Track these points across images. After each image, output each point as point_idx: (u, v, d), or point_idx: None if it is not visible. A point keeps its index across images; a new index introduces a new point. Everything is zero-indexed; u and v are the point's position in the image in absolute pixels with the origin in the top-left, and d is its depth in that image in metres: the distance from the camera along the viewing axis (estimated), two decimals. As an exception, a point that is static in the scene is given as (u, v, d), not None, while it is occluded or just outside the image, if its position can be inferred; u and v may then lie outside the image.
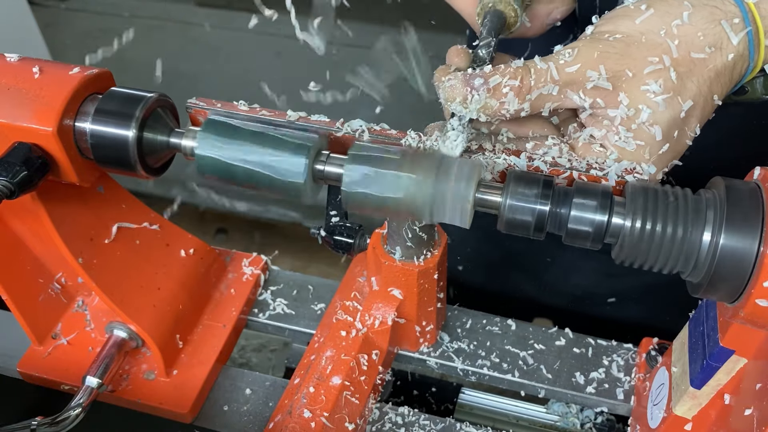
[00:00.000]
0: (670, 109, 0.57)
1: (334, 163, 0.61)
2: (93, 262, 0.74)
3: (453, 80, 0.58)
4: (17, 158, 0.62)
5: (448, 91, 0.58)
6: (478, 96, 0.57)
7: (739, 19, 0.57)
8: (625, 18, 0.59)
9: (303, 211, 2.52)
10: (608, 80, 0.57)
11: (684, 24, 0.57)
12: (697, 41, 0.57)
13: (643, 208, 0.54)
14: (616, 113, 0.58)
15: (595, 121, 0.60)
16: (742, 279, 0.52)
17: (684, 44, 0.57)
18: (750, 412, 0.56)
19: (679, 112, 0.58)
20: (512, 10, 0.65)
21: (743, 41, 0.58)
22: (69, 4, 3.40)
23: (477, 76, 0.57)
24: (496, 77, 0.57)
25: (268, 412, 0.79)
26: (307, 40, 0.57)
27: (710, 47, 0.57)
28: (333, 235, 0.80)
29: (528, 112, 0.59)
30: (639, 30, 0.58)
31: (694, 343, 0.65)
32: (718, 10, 0.58)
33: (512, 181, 0.57)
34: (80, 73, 0.64)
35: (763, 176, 0.53)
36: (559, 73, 0.57)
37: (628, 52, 0.57)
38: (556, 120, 0.65)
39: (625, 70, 0.57)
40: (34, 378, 0.81)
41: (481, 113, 0.58)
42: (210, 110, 0.66)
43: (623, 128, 0.58)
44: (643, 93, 0.57)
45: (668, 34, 0.57)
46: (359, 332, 0.77)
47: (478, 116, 0.58)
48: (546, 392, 0.82)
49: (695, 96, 0.58)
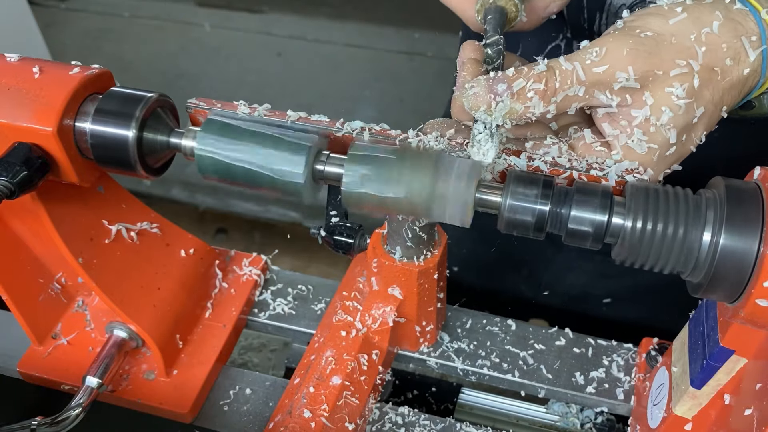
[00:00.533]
0: (686, 115, 0.57)
1: (334, 163, 0.61)
2: (93, 262, 0.74)
3: (476, 87, 0.57)
4: (17, 158, 0.62)
5: (472, 100, 0.57)
6: (503, 102, 0.56)
7: (756, 36, 0.58)
8: (659, 17, 0.59)
9: (303, 211, 2.52)
10: (636, 80, 0.57)
11: (712, 33, 0.58)
12: (721, 52, 0.57)
13: (643, 208, 0.54)
14: (639, 113, 0.58)
15: (611, 120, 0.60)
16: (742, 279, 0.52)
17: (709, 52, 0.57)
18: (750, 412, 0.56)
19: (692, 117, 0.58)
20: (513, 5, 0.64)
21: (758, 58, 0.59)
22: (69, 4, 3.40)
23: (500, 81, 0.56)
24: (520, 81, 0.56)
25: (268, 412, 0.79)
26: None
27: (730, 60, 0.58)
28: (333, 235, 0.80)
29: (554, 113, 0.58)
30: (670, 31, 0.58)
31: (694, 343, 0.65)
32: (741, 26, 0.58)
33: (512, 181, 0.57)
34: (80, 73, 0.64)
35: (763, 176, 0.53)
36: (585, 74, 0.56)
37: (657, 51, 0.57)
38: (554, 126, 0.65)
39: (654, 69, 0.57)
40: (34, 378, 0.81)
41: (506, 119, 0.57)
42: (210, 110, 0.66)
43: (639, 130, 0.58)
44: (668, 95, 0.57)
45: (697, 40, 0.57)
46: (359, 332, 0.77)
47: (503, 122, 0.57)
48: (546, 392, 0.82)
49: (707, 104, 0.58)
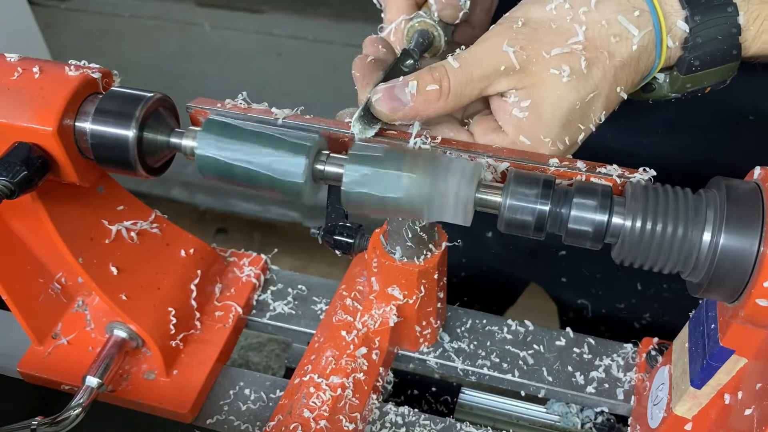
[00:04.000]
0: (575, 93, 0.59)
1: (334, 163, 0.61)
2: (93, 262, 0.74)
3: (378, 94, 0.61)
4: (17, 158, 0.62)
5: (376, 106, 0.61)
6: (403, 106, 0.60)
7: (641, 11, 0.59)
8: (537, 4, 0.61)
9: (303, 211, 2.52)
10: (519, 66, 0.59)
11: (591, 11, 0.59)
12: (602, 29, 0.59)
13: (643, 208, 0.54)
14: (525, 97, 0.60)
15: (503, 105, 0.62)
16: (742, 279, 0.52)
17: (590, 31, 0.59)
18: (750, 412, 0.56)
19: (584, 96, 0.59)
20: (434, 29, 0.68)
21: (649, 34, 0.59)
22: (69, 4, 3.40)
23: (398, 86, 0.60)
24: (413, 83, 0.60)
25: (268, 412, 0.79)
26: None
27: (615, 37, 0.59)
28: (333, 235, 0.80)
29: (454, 108, 0.61)
30: (549, 17, 0.60)
31: (694, 343, 0.65)
32: (626, 2, 0.59)
33: (512, 180, 0.57)
34: (80, 73, 0.64)
35: (763, 176, 0.53)
36: (472, 69, 0.60)
37: (536, 37, 0.59)
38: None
39: (534, 55, 0.59)
40: (34, 378, 0.81)
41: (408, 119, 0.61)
42: (210, 110, 0.66)
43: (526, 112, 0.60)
44: (553, 76, 0.59)
45: (575, 20, 0.59)
46: (359, 332, 0.77)
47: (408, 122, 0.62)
48: (546, 392, 0.82)
49: (600, 82, 0.60)
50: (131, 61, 3.06)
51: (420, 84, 0.60)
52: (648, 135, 0.87)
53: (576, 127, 0.61)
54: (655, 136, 0.87)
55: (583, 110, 0.60)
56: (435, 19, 0.69)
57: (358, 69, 0.64)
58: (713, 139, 0.86)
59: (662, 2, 0.60)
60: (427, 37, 0.68)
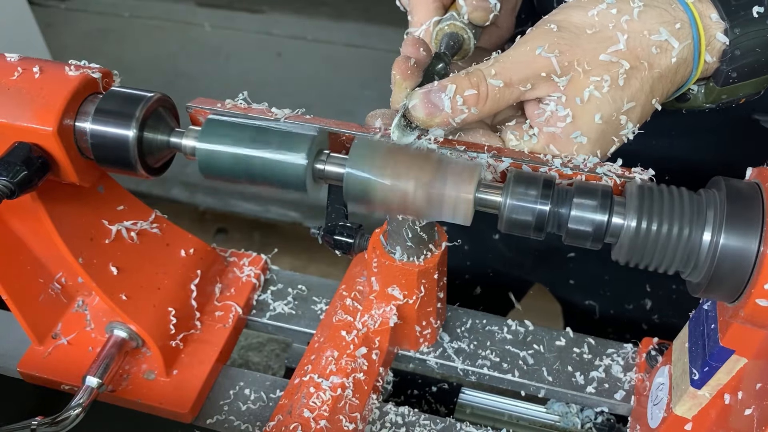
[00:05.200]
0: (613, 103, 0.58)
1: (335, 162, 0.61)
2: (93, 262, 0.74)
3: (414, 100, 0.60)
4: (17, 158, 0.62)
5: (413, 112, 0.60)
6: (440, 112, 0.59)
7: (682, 23, 0.59)
8: (579, 9, 0.60)
9: (303, 211, 2.52)
10: (560, 74, 0.58)
11: (633, 20, 0.59)
12: (644, 39, 0.58)
13: (643, 208, 0.54)
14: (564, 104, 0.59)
15: (539, 111, 0.61)
16: (742, 279, 0.52)
17: (632, 40, 0.58)
18: (750, 412, 0.56)
19: (620, 107, 0.59)
20: (464, 32, 0.67)
21: (688, 47, 0.59)
22: (69, 4, 3.40)
23: (434, 91, 0.59)
24: (451, 87, 0.59)
25: (268, 412, 0.79)
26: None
27: (656, 48, 0.58)
28: (333, 235, 0.80)
29: (490, 113, 0.61)
30: (590, 22, 0.59)
31: (694, 343, 0.65)
32: (666, 13, 0.59)
33: (512, 180, 0.57)
34: (80, 73, 0.64)
35: (763, 176, 0.53)
36: (511, 74, 0.59)
37: (578, 43, 0.58)
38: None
39: (576, 60, 0.58)
40: (34, 378, 0.81)
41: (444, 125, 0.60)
42: (210, 110, 0.66)
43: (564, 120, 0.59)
44: (593, 84, 0.58)
45: (618, 28, 0.58)
46: (359, 332, 0.77)
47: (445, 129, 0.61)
48: (546, 392, 0.82)
49: (637, 93, 0.59)
50: (131, 61, 3.06)
51: (458, 88, 0.59)
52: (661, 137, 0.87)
53: (609, 139, 0.60)
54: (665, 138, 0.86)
55: (618, 121, 0.59)
56: (465, 22, 0.67)
57: (401, 71, 0.62)
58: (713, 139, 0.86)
59: (702, 15, 0.59)
60: (456, 39, 0.67)
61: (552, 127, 0.60)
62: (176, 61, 3.06)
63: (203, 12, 3.31)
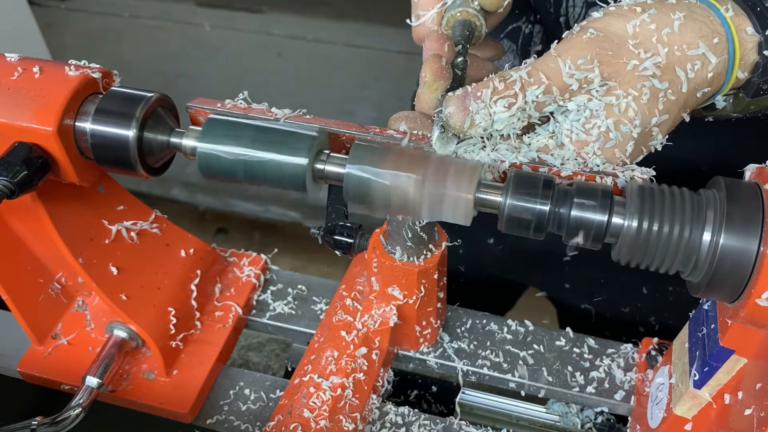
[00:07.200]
0: (648, 115, 0.58)
1: (335, 163, 0.61)
2: (93, 262, 0.74)
3: (450, 107, 0.58)
4: (17, 158, 0.62)
5: (448, 119, 0.58)
6: (478, 118, 0.58)
7: (719, 38, 0.58)
8: (620, 17, 0.59)
9: (303, 211, 2.52)
10: (601, 84, 0.58)
11: (673, 33, 0.58)
12: (683, 54, 0.58)
13: (643, 208, 0.54)
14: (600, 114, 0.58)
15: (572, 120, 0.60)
16: (742, 279, 0.52)
17: (671, 53, 0.58)
18: (750, 412, 0.56)
19: (654, 118, 0.58)
20: (476, 18, 0.65)
21: (723, 62, 0.59)
22: (69, 4, 3.40)
23: (470, 96, 0.57)
24: (486, 92, 0.57)
25: (268, 412, 0.79)
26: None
27: (694, 62, 0.58)
28: (333, 235, 0.80)
29: (526, 121, 0.59)
30: (631, 33, 0.58)
31: (694, 343, 0.65)
32: (705, 26, 0.58)
33: (512, 180, 0.57)
34: (80, 73, 0.64)
35: (762, 175, 0.53)
36: (551, 80, 0.57)
37: (619, 53, 0.58)
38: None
39: (616, 71, 0.57)
40: (34, 378, 0.81)
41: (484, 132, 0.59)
42: (210, 110, 0.66)
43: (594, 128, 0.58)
44: (631, 96, 0.57)
45: (659, 41, 0.58)
46: (359, 332, 0.77)
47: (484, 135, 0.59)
48: (546, 392, 0.82)
49: (672, 106, 0.59)
50: (131, 61, 3.06)
51: (493, 94, 0.57)
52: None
53: (639, 150, 0.60)
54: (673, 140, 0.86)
55: (650, 132, 0.59)
56: (476, 8, 0.65)
57: (433, 71, 0.60)
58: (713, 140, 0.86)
59: (739, 29, 0.59)
60: (469, 27, 0.64)
61: (585, 135, 0.59)
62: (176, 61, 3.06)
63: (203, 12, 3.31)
